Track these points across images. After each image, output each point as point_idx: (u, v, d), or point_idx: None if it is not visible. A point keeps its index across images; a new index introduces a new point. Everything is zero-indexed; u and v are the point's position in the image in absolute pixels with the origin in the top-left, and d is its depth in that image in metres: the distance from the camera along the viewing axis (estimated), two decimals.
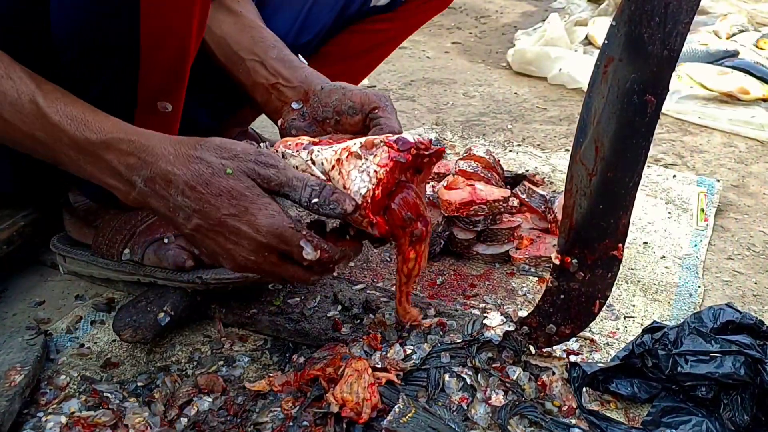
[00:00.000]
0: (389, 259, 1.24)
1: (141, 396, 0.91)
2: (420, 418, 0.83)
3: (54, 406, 0.89)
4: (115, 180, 0.79)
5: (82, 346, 1.01)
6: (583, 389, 0.92)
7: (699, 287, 1.19)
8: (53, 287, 1.14)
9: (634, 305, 1.14)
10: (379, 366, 0.91)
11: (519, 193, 1.30)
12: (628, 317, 1.11)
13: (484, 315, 1.04)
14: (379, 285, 1.14)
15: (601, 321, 1.09)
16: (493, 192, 1.23)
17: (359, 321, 1.03)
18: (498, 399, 0.89)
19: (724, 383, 0.86)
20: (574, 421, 0.87)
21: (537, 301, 0.92)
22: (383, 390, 0.88)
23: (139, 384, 0.93)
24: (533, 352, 0.95)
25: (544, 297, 0.90)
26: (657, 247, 1.31)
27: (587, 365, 0.93)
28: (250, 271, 0.82)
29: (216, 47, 1.02)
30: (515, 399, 0.89)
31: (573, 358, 0.97)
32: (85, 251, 1.08)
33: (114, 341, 1.02)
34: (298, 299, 1.06)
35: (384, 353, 0.94)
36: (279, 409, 0.88)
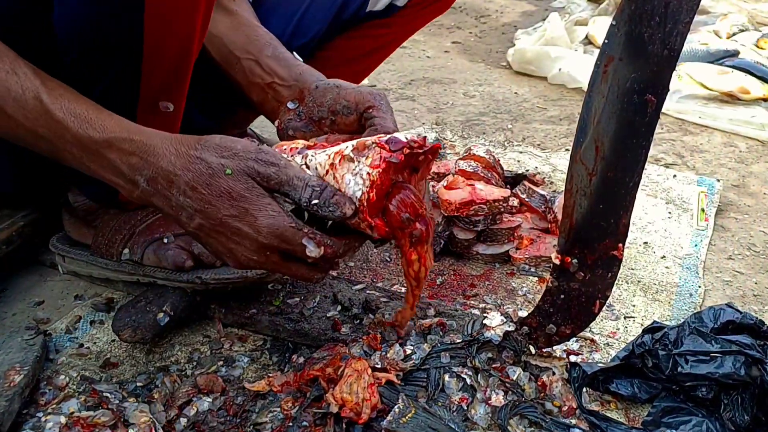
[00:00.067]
0: (389, 259, 1.23)
1: (140, 396, 0.91)
2: (420, 418, 0.83)
3: (53, 406, 0.88)
4: (119, 178, 0.79)
5: (81, 346, 1.01)
6: (584, 389, 0.92)
7: (699, 287, 1.19)
8: (52, 287, 1.14)
9: (634, 305, 1.14)
10: (379, 366, 0.91)
11: (519, 193, 1.30)
12: (628, 317, 1.11)
13: (484, 315, 1.04)
14: (379, 285, 1.14)
15: (602, 321, 1.09)
16: (493, 192, 1.23)
17: (359, 321, 1.03)
18: (498, 399, 0.89)
19: (724, 383, 0.86)
20: (574, 422, 0.87)
21: (537, 301, 0.92)
22: (383, 390, 0.87)
23: (139, 384, 0.93)
24: (533, 352, 0.95)
25: (544, 297, 0.90)
26: (657, 247, 1.31)
27: (587, 365, 0.93)
28: (253, 269, 0.81)
29: (211, 47, 1.01)
30: (515, 399, 0.89)
31: (573, 358, 0.97)
32: (85, 251, 1.07)
33: (113, 341, 1.01)
34: (297, 299, 1.06)
35: (384, 353, 0.94)
36: (278, 410, 0.88)
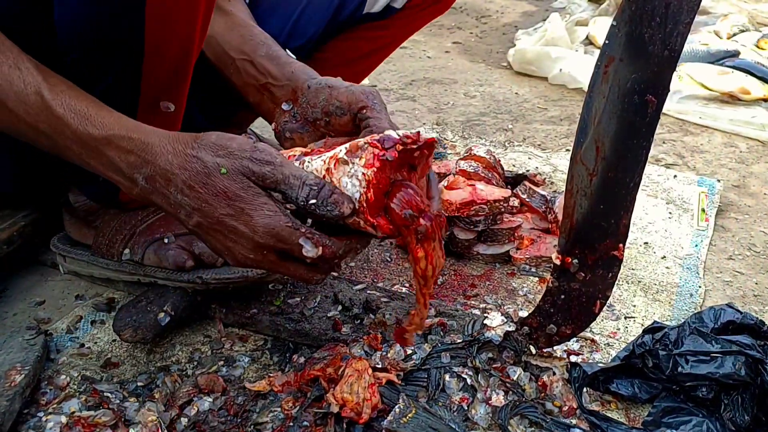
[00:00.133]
0: (390, 260, 1.24)
1: (141, 396, 0.91)
2: (420, 418, 0.83)
3: (54, 405, 0.89)
4: (118, 176, 0.79)
5: (82, 345, 1.01)
6: (584, 389, 0.92)
7: (700, 287, 1.19)
8: (53, 287, 1.14)
9: (634, 305, 1.14)
10: (380, 366, 0.91)
11: (519, 193, 1.30)
12: (628, 317, 1.11)
13: (484, 315, 1.04)
14: (380, 285, 1.14)
15: (602, 321, 1.09)
16: (494, 192, 1.23)
17: (359, 321, 1.03)
18: (498, 399, 0.89)
19: (724, 383, 0.86)
20: (574, 422, 0.87)
21: (537, 302, 0.92)
22: (383, 390, 0.88)
23: (140, 384, 0.93)
24: (534, 352, 0.95)
25: (544, 297, 0.90)
26: (658, 248, 1.31)
27: (588, 365, 0.93)
28: (251, 268, 0.81)
29: (207, 48, 1.00)
30: (516, 399, 0.89)
31: (573, 358, 0.97)
32: (86, 251, 1.08)
33: (114, 341, 1.02)
34: (298, 299, 1.06)
35: (384, 353, 0.94)
36: (279, 410, 0.88)
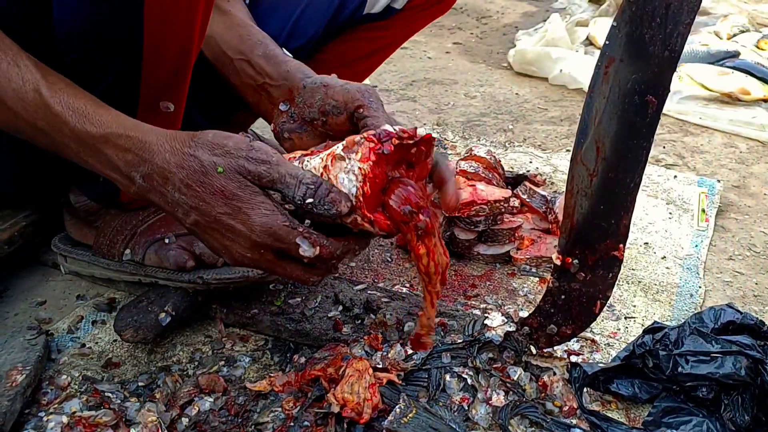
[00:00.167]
0: (390, 260, 1.24)
1: (142, 396, 0.91)
2: (421, 418, 0.83)
3: (55, 405, 0.89)
4: (116, 174, 0.79)
5: (83, 346, 1.01)
6: (584, 389, 0.92)
7: (700, 288, 1.19)
8: (54, 287, 1.14)
9: (634, 306, 1.14)
10: (380, 366, 0.91)
11: (520, 194, 1.30)
12: (628, 318, 1.11)
13: (485, 315, 1.04)
14: (380, 285, 1.14)
15: (602, 321, 1.09)
16: (494, 192, 1.23)
17: (360, 321, 1.03)
18: (499, 399, 0.89)
19: (724, 383, 0.86)
20: (574, 422, 0.87)
21: (538, 302, 0.92)
22: (384, 390, 0.88)
23: (141, 384, 0.93)
24: (534, 352, 0.95)
25: (545, 297, 0.90)
26: (658, 248, 1.31)
27: (588, 365, 0.93)
28: (248, 267, 0.81)
29: (206, 48, 1.00)
30: (516, 399, 0.89)
31: (574, 358, 0.97)
32: (87, 251, 1.08)
33: (115, 341, 1.02)
34: (299, 299, 1.06)
35: (385, 353, 0.94)
36: (280, 409, 0.88)
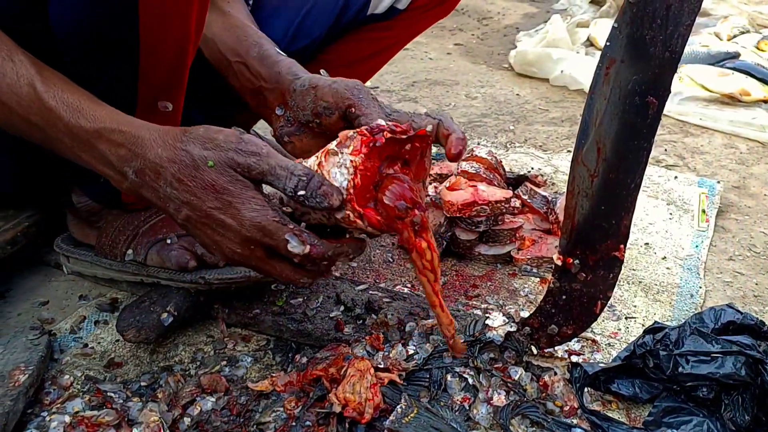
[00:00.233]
0: (391, 260, 1.24)
1: (144, 396, 0.91)
2: (422, 418, 0.83)
3: (58, 405, 0.89)
4: (109, 169, 0.79)
5: (85, 346, 1.01)
6: (585, 389, 0.92)
7: (700, 288, 1.20)
8: (57, 287, 1.15)
9: (635, 306, 1.14)
10: (382, 366, 0.91)
11: (521, 194, 1.31)
12: (629, 318, 1.11)
13: (486, 315, 1.04)
14: (382, 286, 1.15)
15: (603, 321, 1.09)
16: (495, 193, 1.23)
17: (362, 321, 1.03)
18: (500, 399, 0.89)
19: (725, 384, 0.86)
20: (575, 422, 0.88)
21: (539, 302, 0.92)
22: (385, 390, 0.88)
23: (143, 384, 0.93)
24: (535, 352, 0.95)
25: (545, 298, 0.91)
26: (658, 248, 1.31)
27: (589, 365, 0.93)
28: (239, 264, 0.80)
29: (206, 49, 1.00)
30: (517, 399, 0.89)
31: (575, 358, 0.98)
32: (89, 252, 1.08)
33: (117, 341, 1.02)
34: (300, 299, 1.07)
35: (386, 353, 0.94)
36: (282, 409, 0.88)
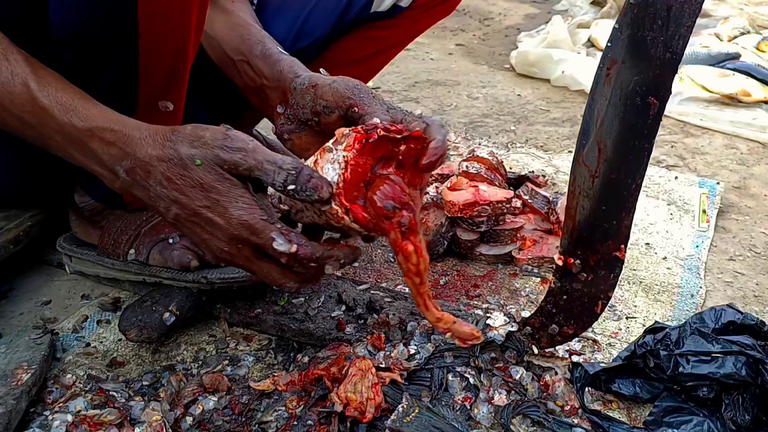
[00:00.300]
0: (392, 260, 1.24)
1: (147, 395, 0.92)
2: (423, 417, 0.83)
3: (60, 404, 0.89)
4: (101, 168, 0.79)
5: (88, 345, 1.02)
6: (586, 389, 0.92)
7: (700, 288, 1.20)
8: (60, 287, 1.15)
9: (636, 306, 1.14)
10: (383, 366, 0.91)
11: (522, 194, 1.31)
12: (630, 318, 1.11)
13: (487, 315, 1.04)
14: (383, 285, 1.15)
15: (604, 321, 1.09)
16: (497, 193, 1.23)
17: (363, 321, 1.03)
18: (501, 399, 0.89)
19: (725, 383, 0.86)
20: (576, 421, 0.88)
21: (540, 302, 0.92)
22: (387, 389, 0.88)
23: (145, 383, 0.94)
24: (536, 352, 0.95)
25: (546, 297, 0.91)
26: (659, 248, 1.31)
27: (589, 365, 0.93)
28: (227, 263, 0.80)
29: (209, 48, 1.00)
30: (518, 399, 0.89)
31: (575, 358, 0.98)
32: (91, 251, 1.08)
33: (120, 340, 1.02)
34: (302, 299, 1.07)
35: (388, 353, 0.94)
36: (283, 408, 0.88)
